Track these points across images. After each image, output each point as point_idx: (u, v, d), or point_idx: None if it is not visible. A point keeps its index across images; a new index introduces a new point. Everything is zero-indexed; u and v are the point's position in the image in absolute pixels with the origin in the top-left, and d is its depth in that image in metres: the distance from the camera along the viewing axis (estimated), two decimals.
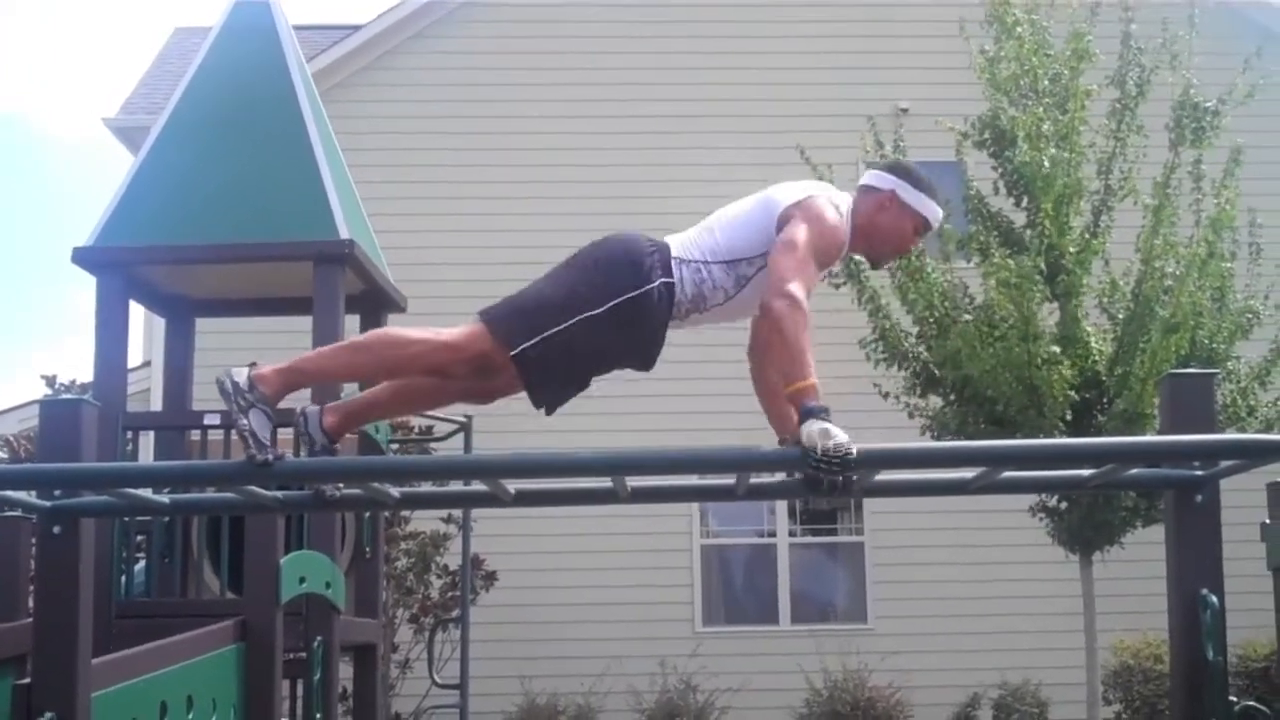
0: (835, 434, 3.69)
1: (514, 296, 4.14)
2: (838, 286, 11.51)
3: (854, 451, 3.69)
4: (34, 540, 5.93)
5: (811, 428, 3.72)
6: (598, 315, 4.02)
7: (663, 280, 4.09)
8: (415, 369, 4.15)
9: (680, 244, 4.20)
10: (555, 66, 15.82)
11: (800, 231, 4.04)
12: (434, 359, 4.09)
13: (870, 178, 4.33)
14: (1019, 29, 11.57)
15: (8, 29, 44.91)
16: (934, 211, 4.25)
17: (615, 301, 4.03)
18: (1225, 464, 4.11)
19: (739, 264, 4.13)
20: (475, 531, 10.91)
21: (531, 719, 13.35)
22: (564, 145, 15.52)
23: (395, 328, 4.27)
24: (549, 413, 4.20)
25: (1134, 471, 4.23)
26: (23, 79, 45.36)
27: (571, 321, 4.02)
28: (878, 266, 4.59)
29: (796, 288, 3.92)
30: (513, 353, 4.03)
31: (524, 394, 4.18)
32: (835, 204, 4.17)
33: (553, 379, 4.09)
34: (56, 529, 4.07)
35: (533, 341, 4.02)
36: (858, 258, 11.00)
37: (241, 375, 3.94)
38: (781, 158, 12.79)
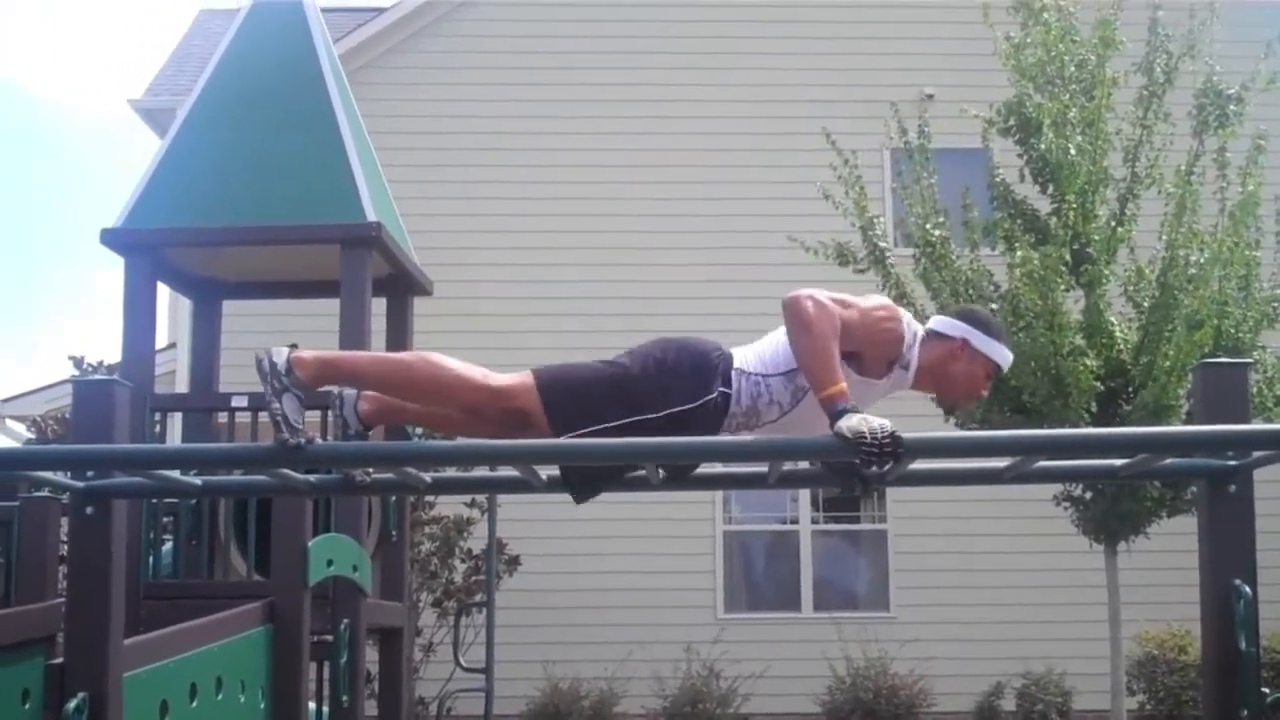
0: (874, 420, 3.72)
1: (572, 372, 4.11)
2: (861, 272, 11.49)
3: (899, 434, 3.69)
4: (65, 520, 5.96)
5: (849, 420, 3.73)
6: (651, 420, 4.01)
7: (720, 390, 4.08)
8: (449, 401, 4.11)
9: (743, 355, 4.18)
10: (582, 50, 15.80)
11: (852, 302, 4.08)
12: (471, 398, 4.06)
13: (939, 324, 4.30)
14: (1045, 15, 11.50)
15: (33, 12, 45.04)
16: (1005, 356, 4.27)
17: (671, 410, 4.02)
18: (1259, 454, 4.10)
19: (798, 374, 4.07)
20: (498, 516, 10.92)
21: (555, 703, 13.39)
22: (590, 129, 15.49)
23: (447, 356, 4.15)
24: (579, 502, 4.23)
25: (1167, 461, 4.22)
26: (48, 61, 45.48)
27: (625, 421, 4.00)
28: (951, 412, 4.61)
29: (826, 299, 3.95)
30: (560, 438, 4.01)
31: None
32: (900, 313, 4.19)
33: (593, 471, 4.05)
34: (89, 509, 4.08)
35: (582, 432, 3.99)
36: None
37: (281, 357, 3.93)
38: (807, 144, 12.77)
